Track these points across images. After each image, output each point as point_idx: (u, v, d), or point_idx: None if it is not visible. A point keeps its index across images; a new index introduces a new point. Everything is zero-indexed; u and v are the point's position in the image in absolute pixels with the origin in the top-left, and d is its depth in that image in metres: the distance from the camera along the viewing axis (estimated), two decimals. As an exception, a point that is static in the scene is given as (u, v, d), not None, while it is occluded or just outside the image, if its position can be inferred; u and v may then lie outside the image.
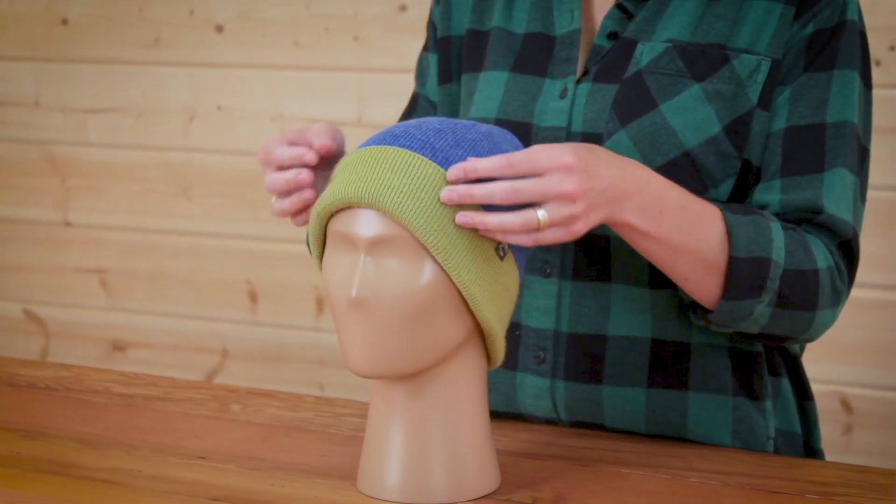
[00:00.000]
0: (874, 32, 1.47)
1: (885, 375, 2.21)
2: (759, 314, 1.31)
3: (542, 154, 1.15)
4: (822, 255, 1.33)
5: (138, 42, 2.68)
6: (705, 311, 1.33)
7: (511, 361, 1.44)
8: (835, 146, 1.36)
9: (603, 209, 1.19)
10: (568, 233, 1.17)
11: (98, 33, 2.71)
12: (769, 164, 1.37)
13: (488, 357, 1.24)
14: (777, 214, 1.36)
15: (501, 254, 1.18)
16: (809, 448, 1.48)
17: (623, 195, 1.21)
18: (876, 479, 1.30)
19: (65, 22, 2.73)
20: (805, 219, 1.35)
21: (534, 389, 1.43)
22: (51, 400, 1.56)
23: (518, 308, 1.43)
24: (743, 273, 1.28)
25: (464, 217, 1.14)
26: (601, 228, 1.36)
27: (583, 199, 1.16)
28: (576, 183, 1.15)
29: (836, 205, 1.35)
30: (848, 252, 1.36)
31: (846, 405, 2.24)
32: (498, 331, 1.20)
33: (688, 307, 1.37)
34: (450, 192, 1.14)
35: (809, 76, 1.36)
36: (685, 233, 1.26)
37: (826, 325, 1.36)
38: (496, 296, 1.18)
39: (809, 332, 1.35)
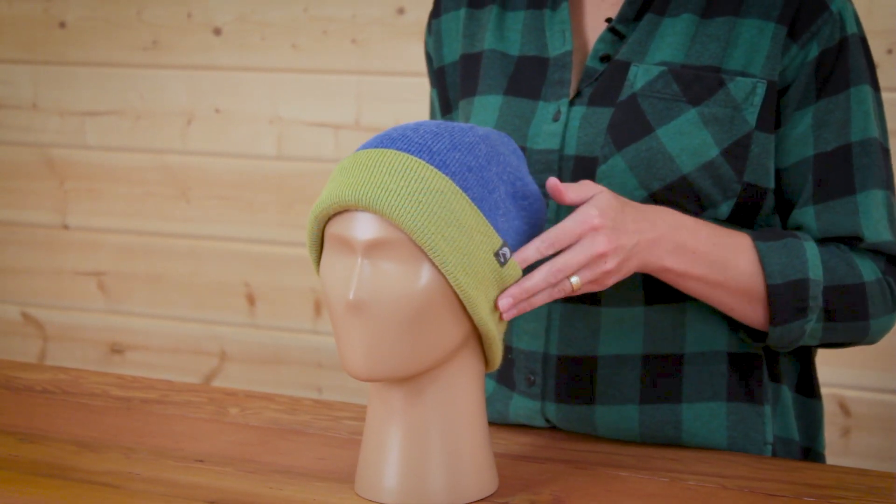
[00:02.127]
0: (871, 35, 1.47)
1: (882, 378, 2.21)
2: (812, 331, 1.36)
3: (572, 224, 1.21)
4: (868, 269, 1.37)
5: (136, 45, 2.68)
6: (760, 335, 1.38)
7: (509, 381, 1.44)
8: (862, 165, 1.37)
9: (634, 261, 1.26)
10: (600, 286, 1.24)
11: (96, 36, 2.71)
12: (800, 190, 1.39)
13: (486, 360, 1.24)
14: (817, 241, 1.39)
15: (502, 259, 1.18)
16: (810, 453, 1.48)
17: (653, 244, 1.28)
18: (874, 482, 1.30)
19: (63, 25, 2.73)
20: (847, 245, 1.38)
21: (525, 411, 1.43)
22: (49, 403, 1.56)
23: (509, 330, 1.42)
24: (783, 298, 1.33)
25: (506, 299, 1.18)
26: None
27: (613, 256, 1.23)
28: (605, 243, 1.22)
29: (874, 230, 1.38)
30: (894, 263, 1.40)
31: (844, 408, 2.24)
32: (495, 334, 1.20)
33: (744, 334, 1.40)
34: (507, 298, 1.18)
35: (828, 101, 1.37)
36: (721, 268, 1.32)
37: (885, 330, 1.41)
38: (494, 299, 1.18)
39: (869, 338, 1.41)
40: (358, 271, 1.15)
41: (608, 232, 1.22)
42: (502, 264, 1.18)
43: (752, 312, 1.35)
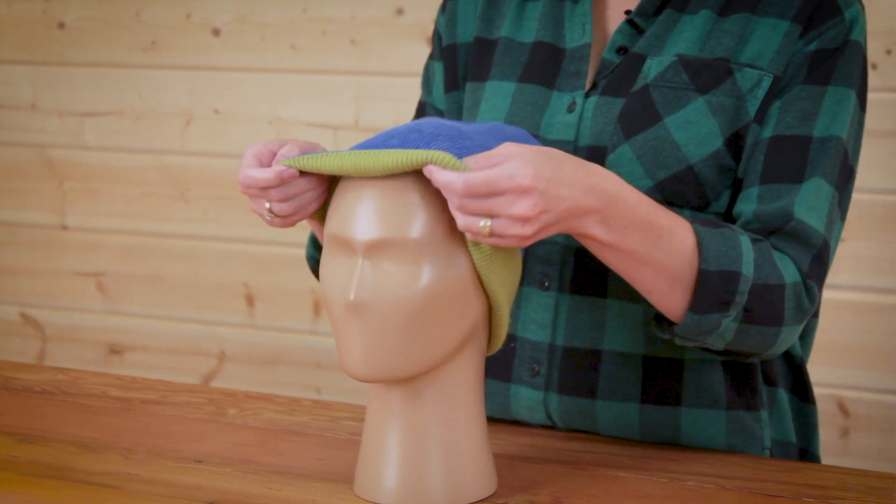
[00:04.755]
0: (870, 36, 1.47)
1: (881, 378, 2.21)
2: (725, 329, 1.28)
3: (500, 177, 1.11)
4: (789, 271, 1.30)
5: (135, 45, 2.68)
6: (670, 324, 1.31)
7: (505, 373, 1.44)
8: (816, 159, 1.34)
9: (559, 225, 1.17)
10: (506, 244, 1.15)
11: (95, 36, 2.71)
12: (751, 171, 1.36)
13: (488, 344, 1.24)
14: (749, 222, 1.34)
15: None
16: (806, 455, 1.48)
17: (584, 212, 1.17)
18: (873, 483, 1.31)
19: (62, 25, 2.73)
20: (775, 228, 1.32)
21: (527, 402, 1.43)
22: (48, 403, 1.56)
23: (514, 320, 1.42)
24: (712, 287, 1.25)
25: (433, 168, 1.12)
26: None
27: (535, 222, 1.13)
28: (529, 207, 1.12)
29: (807, 212, 1.32)
30: (819, 262, 1.33)
31: (843, 408, 2.24)
32: (505, 311, 1.21)
33: (652, 320, 1.34)
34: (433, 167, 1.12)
35: (801, 88, 1.35)
36: (651, 246, 1.23)
37: (789, 341, 1.33)
38: (506, 279, 1.19)
39: (773, 349, 1.33)
40: (359, 272, 1.15)
41: (537, 197, 1.12)
42: None
43: (671, 297, 1.26)
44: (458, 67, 1.54)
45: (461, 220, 1.13)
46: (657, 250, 1.23)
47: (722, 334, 1.29)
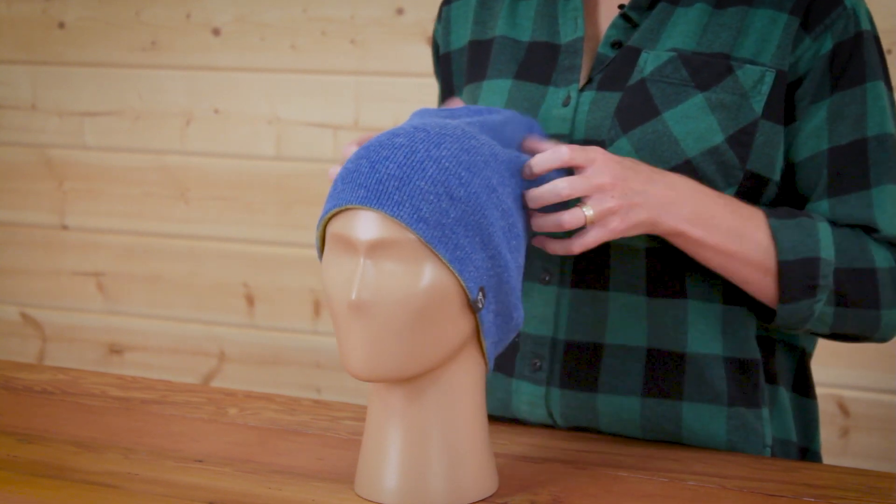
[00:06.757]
0: (871, 36, 1.47)
1: (881, 378, 2.21)
2: (822, 313, 1.36)
3: (579, 152, 1.23)
4: (882, 256, 1.36)
5: (135, 45, 2.68)
6: (769, 314, 1.38)
7: (508, 367, 1.44)
8: (878, 160, 1.38)
9: (643, 210, 1.26)
10: (607, 231, 1.24)
11: (95, 36, 2.71)
12: (814, 185, 1.39)
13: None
14: None
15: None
16: (808, 453, 1.48)
17: (667, 202, 1.28)
18: (873, 482, 1.31)
19: (61, 25, 2.73)
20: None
21: (528, 397, 1.43)
22: (48, 403, 1.56)
23: None
24: (794, 275, 1.33)
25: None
26: None
27: (618, 192, 1.24)
28: (608, 176, 1.23)
29: (890, 223, 1.38)
30: None
31: (843, 408, 2.24)
32: None
33: (757, 314, 1.41)
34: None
35: (843, 94, 1.37)
36: (736, 238, 1.32)
37: (894, 324, 1.39)
38: None
39: (880, 332, 1.39)
40: (360, 271, 1.15)
41: (613, 167, 1.24)
42: None
43: (766, 287, 1.35)
44: (452, 75, 1.55)
45: (566, 216, 1.22)
46: (743, 241, 1.32)
47: (820, 319, 1.36)
